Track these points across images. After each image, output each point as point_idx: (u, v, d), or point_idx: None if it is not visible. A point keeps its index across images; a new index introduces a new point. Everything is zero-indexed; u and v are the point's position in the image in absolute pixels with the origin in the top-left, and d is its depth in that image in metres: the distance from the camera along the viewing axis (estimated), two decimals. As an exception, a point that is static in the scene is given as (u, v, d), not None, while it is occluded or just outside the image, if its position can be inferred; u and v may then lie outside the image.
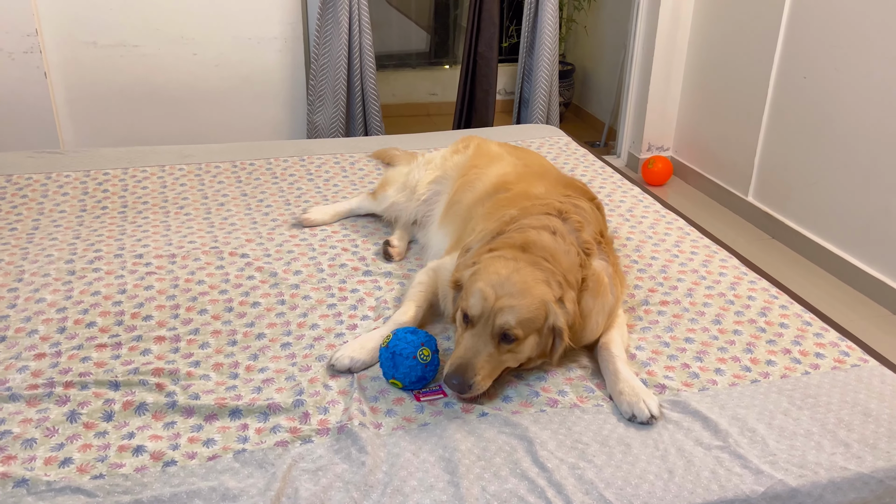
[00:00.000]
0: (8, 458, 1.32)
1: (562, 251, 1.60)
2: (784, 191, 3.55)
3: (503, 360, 1.50)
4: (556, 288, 1.53)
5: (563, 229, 1.65)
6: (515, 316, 1.47)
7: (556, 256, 1.58)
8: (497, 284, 1.49)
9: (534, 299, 1.49)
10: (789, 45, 3.43)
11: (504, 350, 1.49)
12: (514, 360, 1.52)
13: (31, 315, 1.76)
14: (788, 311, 1.85)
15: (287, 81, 3.87)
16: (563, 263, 1.58)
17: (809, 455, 1.39)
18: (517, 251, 1.57)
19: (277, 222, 2.30)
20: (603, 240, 1.76)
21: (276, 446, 1.37)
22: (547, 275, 1.53)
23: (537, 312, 1.49)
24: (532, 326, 1.49)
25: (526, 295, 1.49)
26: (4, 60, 3.41)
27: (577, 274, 1.60)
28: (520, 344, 1.50)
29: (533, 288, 1.50)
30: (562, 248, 1.60)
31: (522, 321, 1.47)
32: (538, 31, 4.02)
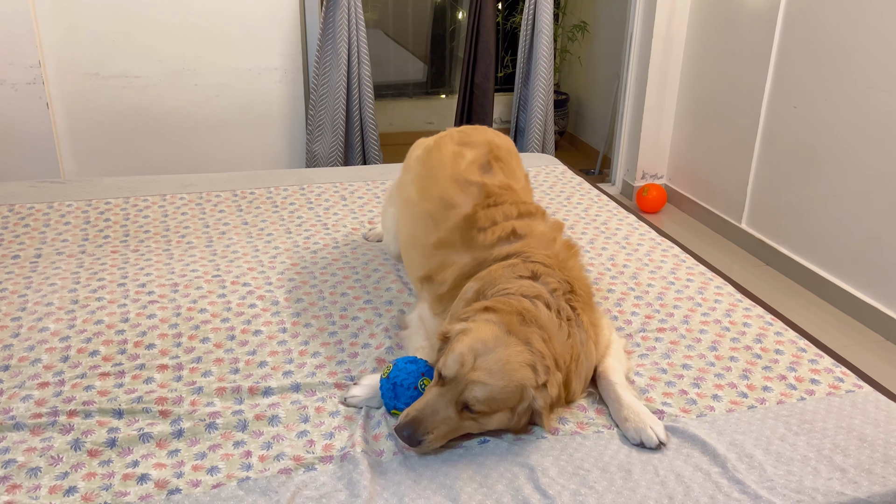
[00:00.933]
0: (13, 487, 1.33)
1: (555, 329, 1.53)
2: (777, 218, 3.60)
3: (463, 426, 1.45)
4: (542, 374, 1.45)
5: (551, 298, 1.58)
6: (485, 394, 1.40)
7: (552, 337, 1.51)
8: (479, 353, 1.42)
9: (510, 383, 1.42)
10: (780, 75, 3.50)
11: (466, 417, 1.43)
12: (476, 428, 1.46)
13: (35, 344, 1.77)
14: (783, 338, 1.88)
15: (286, 111, 3.92)
16: (558, 345, 1.51)
17: (807, 480, 1.40)
18: (513, 319, 1.49)
19: (279, 250, 2.32)
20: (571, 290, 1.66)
21: (279, 474, 1.39)
22: (535, 358, 1.45)
23: (511, 396, 1.43)
24: (501, 406, 1.44)
25: (504, 377, 1.41)
26: (7, 91, 3.45)
27: (569, 354, 1.54)
28: (485, 416, 1.44)
29: (515, 371, 1.43)
30: (555, 325, 1.53)
31: (490, 400, 1.41)
32: (533, 61, 4.09)
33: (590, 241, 2.44)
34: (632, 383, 1.68)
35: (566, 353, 1.54)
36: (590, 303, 1.72)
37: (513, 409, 1.45)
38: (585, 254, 2.33)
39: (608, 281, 2.16)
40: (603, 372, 1.65)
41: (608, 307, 2.01)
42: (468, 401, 1.41)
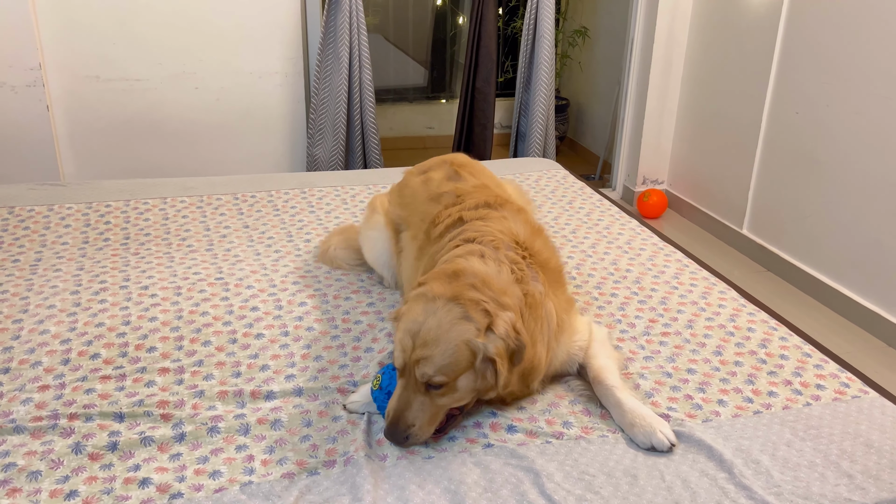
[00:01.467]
0: (13, 491, 1.32)
1: (493, 273, 1.54)
2: (778, 223, 3.59)
3: (440, 405, 1.45)
4: (482, 317, 1.45)
5: (488, 251, 1.61)
6: (433, 366, 1.40)
7: (487, 281, 1.51)
8: (414, 333, 1.43)
9: (449, 344, 1.41)
10: (781, 81, 3.50)
11: (436, 395, 1.43)
12: (454, 402, 1.46)
13: (35, 346, 1.76)
14: (788, 343, 1.87)
15: (287, 115, 3.92)
16: (495, 285, 1.51)
17: (814, 486, 1.39)
18: (445, 282, 1.50)
19: (280, 254, 2.31)
20: (526, 252, 1.67)
21: (282, 478, 1.37)
22: (467, 307, 1.44)
23: (457, 355, 1.42)
24: (456, 369, 1.42)
25: (440, 341, 1.41)
26: (7, 94, 3.44)
27: (514, 292, 1.53)
28: (450, 388, 1.44)
29: (449, 331, 1.42)
30: (492, 269, 1.55)
31: (441, 368, 1.41)
32: (534, 66, 4.09)
33: (592, 245, 2.43)
34: (636, 388, 1.67)
35: (510, 292, 1.52)
36: (558, 280, 1.72)
37: (473, 367, 1.44)
38: (587, 259, 2.32)
39: (611, 285, 2.15)
40: (597, 376, 1.62)
41: (611, 311, 2.00)
42: (424, 380, 1.42)
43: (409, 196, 2.06)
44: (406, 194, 2.08)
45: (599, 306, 2.03)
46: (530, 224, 1.81)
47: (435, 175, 2.05)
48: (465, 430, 1.52)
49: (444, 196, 1.94)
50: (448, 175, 2.03)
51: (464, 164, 2.08)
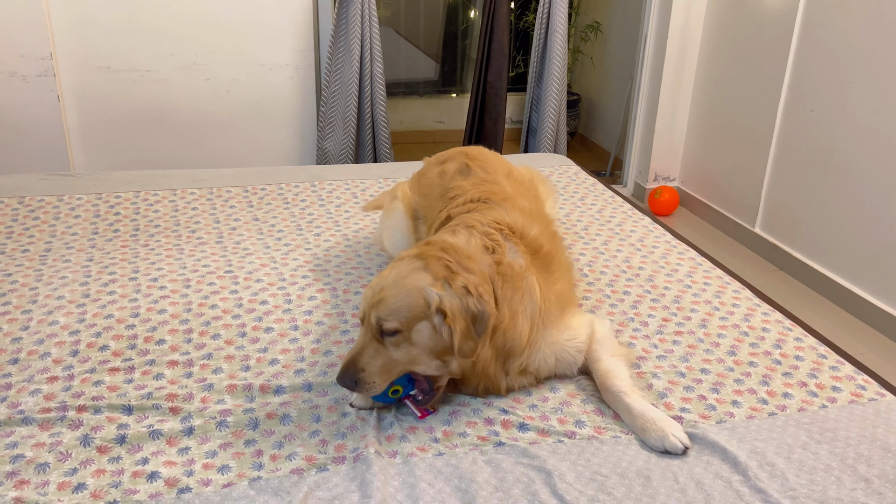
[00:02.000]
0: (21, 483, 1.31)
1: (461, 242, 1.57)
2: (791, 222, 3.56)
3: (395, 357, 1.46)
4: (441, 270, 1.47)
5: (460, 228, 1.65)
6: (386, 308, 1.44)
7: (454, 247, 1.54)
8: (375, 285, 1.49)
9: (402, 288, 1.45)
10: (797, 77, 3.46)
11: (391, 344, 1.45)
12: (410, 359, 1.47)
13: (44, 337, 1.75)
14: (803, 344, 1.85)
15: (297, 108, 3.90)
16: (462, 251, 1.54)
17: (830, 490, 1.37)
18: (411, 252, 1.55)
19: (290, 247, 2.30)
20: (511, 232, 1.67)
21: (291, 474, 1.36)
22: (428, 262, 1.48)
23: (409, 300, 1.44)
24: (409, 316, 1.44)
25: (396, 285, 1.46)
26: (18, 83, 3.44)
27: (482, 259, 1.54)
28: (405, 338, 1.45)
29: (406, 277, 1.47)
30: (461, 239, 1.58)
31: (393, 311, 1.44)
32: (547, 61, 4.06)
33: (604, 242, 2.41)
34: (649, 388, 1.64)
35: (477, 258, 1.54)
36: (548, 267, 1.69)
37: (428, 320, 1.45)
38: (599, 256, 2.30)
39: (624, 283, 2.12)
40: (602, 381, 1.59)
41: (624, 309, 1.98)
42: (377, 323, 1.44)
43: (426, 186, 2.09)
44: (424, 184, 2.11)
45: (612, 304, 2.01)
46: (529, 214, 1.79)
47: (449, 167, 2.05)
48: (476, 427, 1.50)
49: (449, 192, 1.95)
50: (459, 168, 2.03)
51: (475, 158, 2.07)
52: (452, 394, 1.60)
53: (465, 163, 2.04)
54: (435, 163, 2.15)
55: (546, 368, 1.64)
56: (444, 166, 2.08)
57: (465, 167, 2.02)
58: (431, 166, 2.14)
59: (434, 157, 2.19)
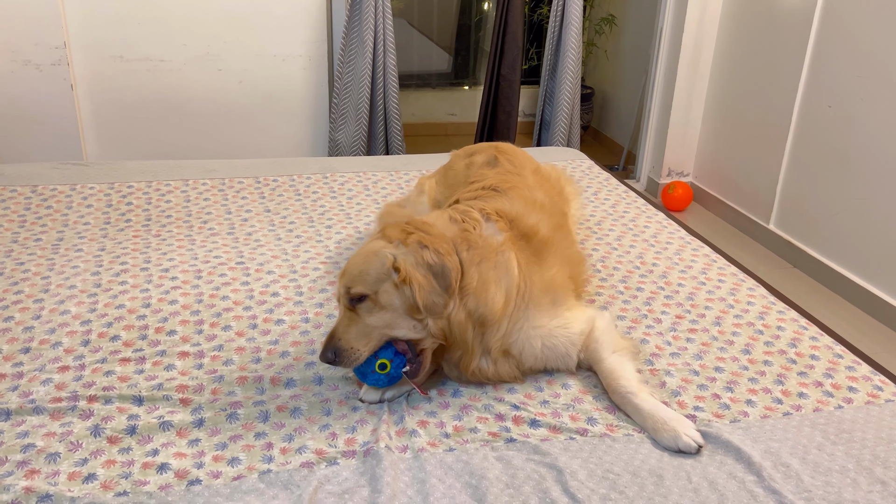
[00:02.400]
0: (32, 472, 1.31)
1: (430, 218, 1.62)
2: (807, 220, 3.52)
3: (369, 323, 1.48)
4: (396, 234, 1.53)
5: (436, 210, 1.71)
6: (349, 275, 1.50)
7: (415, 219, 1.60)
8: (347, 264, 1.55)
9: (360, 255, 1.52)
10: (814, 73, 3.42)
11: (362, 311, 1.49)
12: (385, 323, 1.49)
13: (56, 327, 1.75)
14: (819, 343, 1.82)
15: (310, 99, 3.89)
16: (423, 222, 1.59)
17: (846, 492, 1.35)
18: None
19: (301, 239, 2.29)
20: (498, 217, 1.68)
21: (301, 467, 1.35)
22: (386, 230, 1.55)
23: (367, 264, 1.50)
24: (368, 278, 1.48)
25: (357, 255, 1.53)
26: (32, 72, 3.45)
27: (445, 227, 1.59)
28: (374, 302, 1.48)
29: (365, 247, 1.54)
30: (432, 216, 1.63)
31: (355, 276, 1.49)
32: (561, 54, 4.03)
33: (617, 238, 2.38)
34: (661, 385, 1.63)
35: (438, 225, 1.59)
36: (541, 253, 1.68)
37: (389, 280, 1.48)
38: (612, 251, 2.28)
39: (637, 279, 2.10)
40: (608, 383, 1.57)
41: (637, 306, 1.96)
42: (346, 294, 1.49)
43: (452, 178, 2.11)
44: (450, 176, 2.13)
45: (625, 300, 1.99)
46: (535, 205, 1.78)
47: (477, 159, 2.08)
48: (488, 423, 1.49)
49: (471, 179, 1.96)
50: (487, 160, 2.05)
51: (505, 152, 2.09)
52: (438, 379, 1.60)
53: (495, 155, 2.06)
54: (463, 155, 2.17)
55: (531, 353, 1.61)
56: (471, 158, 2.10)
57: (494, 159, 2.04)
58: (459, 159, 2.17)
59: (462, 150, 2.22)
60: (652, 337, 1.82)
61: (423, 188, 2.24)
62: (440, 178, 2.20)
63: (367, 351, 1.49)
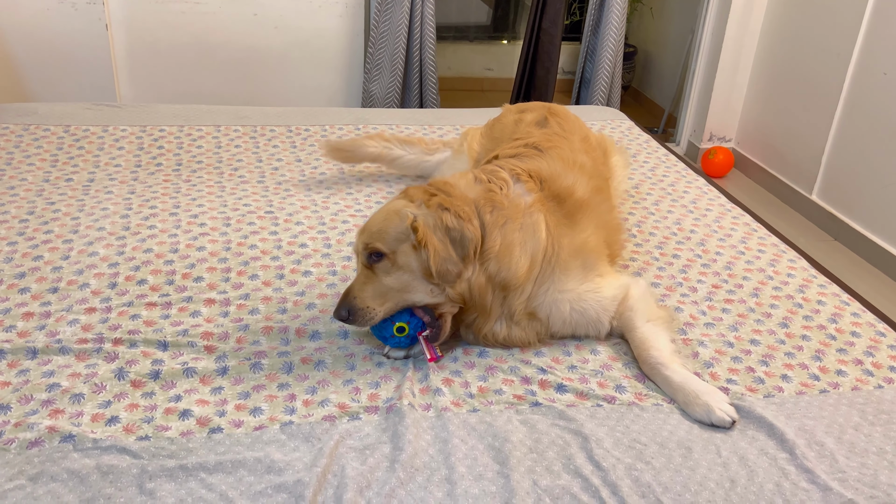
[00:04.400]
0: (56, 412, 1.31)
1: (452, 179, 1.58)
2: (852, 191, 3.40)
3: (385, 283, 1.46)
4: (419, 194, 1.51)
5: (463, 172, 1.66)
6: (368, 232, 1.48)
7: (439, 180, 1.57)
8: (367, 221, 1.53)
9: (381, 212, 1.50)
10: (871, 38, 3.26)
11: (379, 270, 1.46)
12: (401, 284, 1.46)
13: (84, 268, 1.75)
14: (860, 320, 1.76)
15: (345, 48, 3.82)
16: (446, 183, 1.56)
17: (882, 475, 1.30)
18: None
19: (332, 191, 2.26)
20: (529, 177, 1.64)
21: (323, 420, 1.34)
22: (413, 191, 1.52)
23: (388, 222, 1.47)
24: (388, 237, 1.45)
25: (378, 213, 1.51)
26: (68, 10, 3.42)
27: (470, 189, 1.55)
28: (392, 262, 1.45)
29: (387, 205, 1.52)
30: (455, 177, 1.59)
31: (374, 233, 1.46)
32: (605, 9, 3.90)
33: (654, 202, 2.31)
34: (694, 356, 1.58)
35: (461, 185, 1.56)
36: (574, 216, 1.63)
37: (409, 241, 1.45)
38: (649, 216, 2.22)
39: (674, 246, 2.04)
40: (639, 352, 1.52)
41: (672, 273, 1.90)
42: (365, 251, 1.46)
43: (498, 131, 2.08)
44: (497, 129, 2.10)
45: (660, 267, 1.93)
46: (575, 166, 1.73)
47: (528, 116, 2.04)
48: (513, 386, 1.46)
49: (517, 135, 1.92)
50: (537, 119, 2.01)
51: (557, 114, 2.05)
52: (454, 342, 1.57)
53: (546, 116, 2.01)
54: (514, 111, 2.14)
55: (559, 317, 1.57)
56: (522, 115, 2.06)
57: (545, 119, 2.00)
58: (510, 113, 2.13)
59: (515, 106, 2.19)
60: (686, 306, 1.76)
61: (466, 138, 2.20)
62: (486, 130, 2.17)
63: (383, 312, 1.46)
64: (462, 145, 2.17)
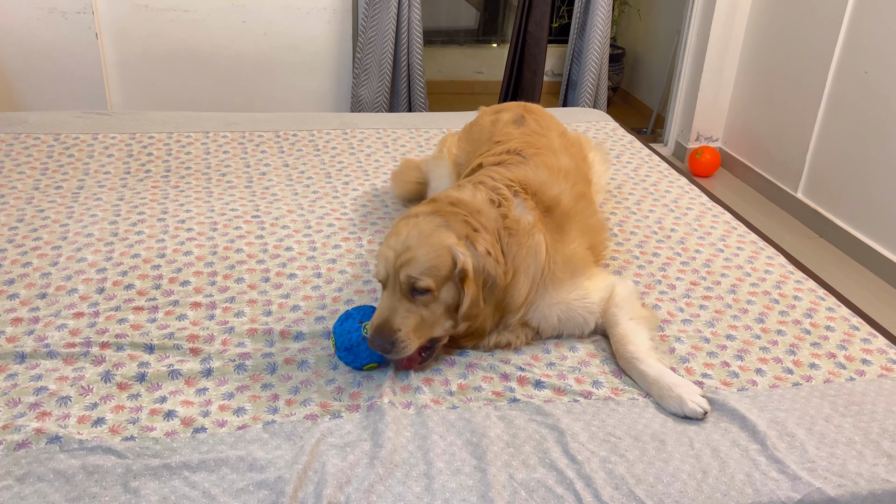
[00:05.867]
0: (43, 415, 1.34)
1: (467, 196, 1.57)
2: (836, 189, 3.44)
3: (425, 316, 1.45)
4: (461, 226, 1.48)
5: (466, 184, 1.65)
6: (417, 267, 1.43)
7: (461, 200, 1.54)
8: (396, 244, 1.46)
9: (432, 246, 1.44)
10: (852, 37, 3.30)
11: (421, 303, 1.45)
12: (435, 319, 1.47)
13: (72, 274, 1.78)
14: (835, 314, 1.79)
15: (333, 53, 3.85)
16: (470, 204, 1.54)
17: (850, 464, 1.34)
18: (423, 207, 1.56)
19: (318, 195, 2.29)
20: (524, 190, 1.65)
21: (305, 419, 1.37)
22: (447, 219, 1.48)
23: (440, 259, 1.44)
24: (439, 274, 1.44)
25: (424, 243, 1.44)
26: (58, 19, 3.45)
27: (489, 212, 1.53)
28: (434, 298, 1.45)
29: (431, 235, 1.46)
30: (466, 194, 1.58)
31: (426, 270, 1.43)
32: (591, 12, 3.93)
33: (636, 202, 2.35)
34: (671, 352, 1.61)
35: (485, 212, 1.54)
36: (563, 227, 1.66)
37: (453, 279, 1.46)
38: (631, 216, 2.25)
39: (654, 244, 2.08)
40: (617, 346, 1.56)
41: (652, 271, 1.94)
42: (409, 281, 1.43)
43: (476, 133, 2.08)
44: (475, 131, 2.11)
45: (640, 265, 1.97)
46: (559, 173, 1.76)
47: (504, 116, 2.05)
48: (492, 383, 1.49)
49: (496, 137, 1.94)
50: (514, 118, 2.02)
51: (533, 111, 2.07)
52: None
53: (522, 114, 2.03)
54: (490, 112, 2.15)
55: (549, 326, 1.62)
56: (498, 115, 2.08)
57: (521, 118, 2.02)
58: (486, 115, 2.15)
59: (490, 107, 2.20)
60: (665, 303, 1.80)
61: (445, 143, 2.22)
62: (464, 133, 2.19)
63: (417, 345, 1.45)
64: (441, 151, 2.19)
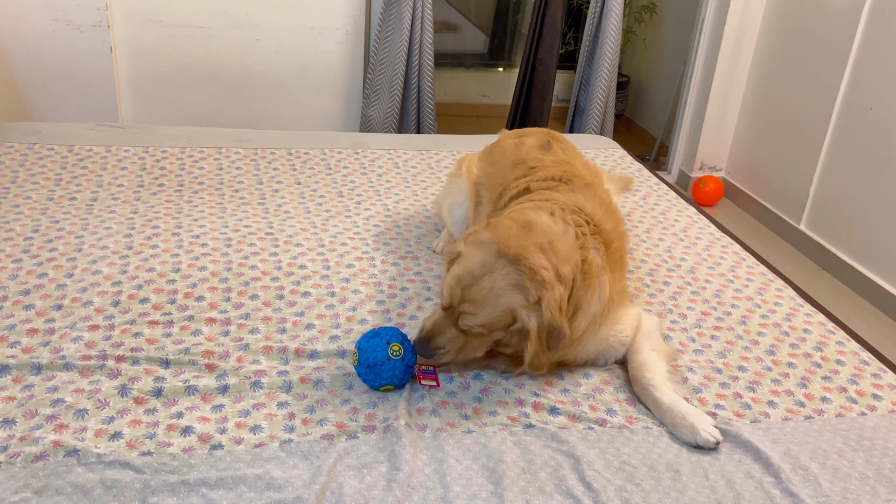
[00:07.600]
0: (60, 427, 1.34)
1: (559, 233, 1.56)
2: (839, 222, 3.47)
3: (470, 343, 1.53)
4: (536, 288, 1.46)
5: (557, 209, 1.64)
6: (476, 321, 1.49)
7: (553, 244, 1.51)
8: (465, 285, 1.48)
9: (496, 308, 1.47)
10: (858, 73, 3.35)
11: (471, 337, 1.52)
12: (480, 347, 1.54)
13: (88, 286, 1.79)
14: (845, 348, 1.81)
15: (345, 73, 3.89)
16: (560, 250, 1.52)
17: (864, 500, 1.34)
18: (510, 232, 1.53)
19: (331, 213, 2.30)
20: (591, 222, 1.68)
21: (321, 439, 1.37)
22: (524, 277, 1.46)
23: (501, 318, 1.49)
24: (496, 326, 1.50)
25: (488, 304, 1.47)
26: (73, 32, 3.48)
27: (574, 258, 1.54)
28: (487, 335, 1.52)
29: (500, 296, 1.47)
30: (559, 229, 1.57)
31: (484, 325, 1.49)
32: (600, 40, 3.98)
33: (646, 230, 2.37)
34: (683, 381, 1.62)
35: (571, 259, 1.53)
36: (617, 264, 1.70)
37: (507, 329, 1.52)
38: (641, 244, 2.27)
39: (664, 273, 2.09)
40: (634, 373, 1.58)
41: (663, 300, 1.95)
42: (465, 328, 1.50)
43: (498, 155, 2.09)
44: (496, 153, 2.11)
45: (651, 294, 1.98)
46: (602, 202, 1.78)
47: (528, 140, 2.06)
48: (507, 408, 1.50)
49: (526, 162, 1.93)
50: (540, 143, 2.03)
51: (558, 139, 2.09)
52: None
53: (548, 140, 2.05)
54: (513, 135, 2.17)
55: (585, 356, 1.65)
56: (522, 139, 2.09)
57: (547, 143, 2.03)
58: (508, 138, 2.16)
59: (513, 132, 2.22)
60: (676, 333, 1.81)
61: (463, 166, 2.22)
62: (485, 154, 2.19)
63: (455, 360, 1.55)
64: (461, 168, 2.20)
